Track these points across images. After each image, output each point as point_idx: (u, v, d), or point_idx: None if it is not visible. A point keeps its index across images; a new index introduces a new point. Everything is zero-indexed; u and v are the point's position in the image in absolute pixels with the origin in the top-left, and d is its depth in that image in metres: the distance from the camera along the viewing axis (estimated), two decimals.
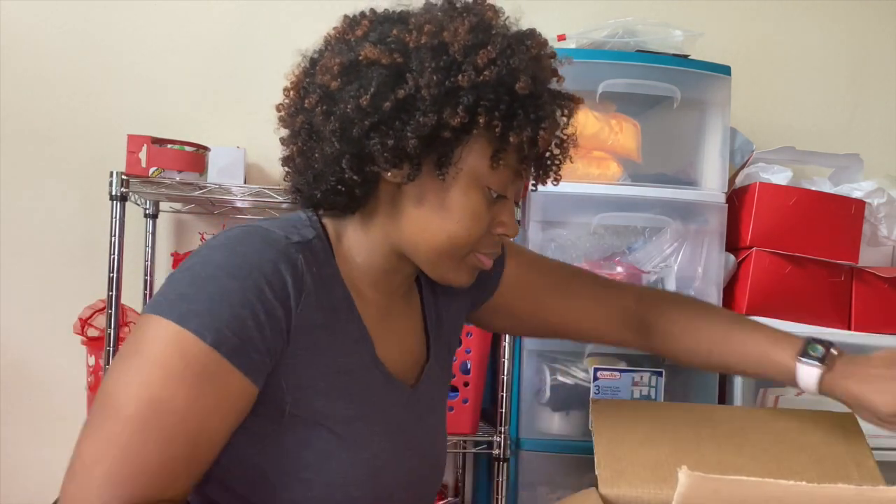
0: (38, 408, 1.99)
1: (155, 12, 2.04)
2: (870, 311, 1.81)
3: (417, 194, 0.91)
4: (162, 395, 0.78)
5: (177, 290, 0.83)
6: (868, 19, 2.29)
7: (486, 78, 0.86)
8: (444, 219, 0.91)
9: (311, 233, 0.92)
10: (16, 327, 2.00)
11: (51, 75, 2.01)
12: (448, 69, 0.86)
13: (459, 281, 0.97)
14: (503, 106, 0.87)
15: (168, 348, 0.79)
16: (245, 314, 0.82)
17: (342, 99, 0.88)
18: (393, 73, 0.86)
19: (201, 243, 0.88)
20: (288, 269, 0.86)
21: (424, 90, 0.85)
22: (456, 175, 0.90)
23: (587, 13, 2.07)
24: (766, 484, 0.55)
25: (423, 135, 0.86)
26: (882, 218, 1.89)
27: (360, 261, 0.96)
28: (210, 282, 0.82)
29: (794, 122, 2.26)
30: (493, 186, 0.92)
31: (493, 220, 0.94)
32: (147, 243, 1.99)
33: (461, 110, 0.86)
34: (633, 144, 1.78)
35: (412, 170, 0.89)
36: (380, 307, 0.98)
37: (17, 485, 1.98)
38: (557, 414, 1.77)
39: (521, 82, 0.87)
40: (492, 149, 0.90)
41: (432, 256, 0.93)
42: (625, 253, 1.82)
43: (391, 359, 0.98)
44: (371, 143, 0.87)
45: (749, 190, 1.80)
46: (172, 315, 0.80)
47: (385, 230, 0.95)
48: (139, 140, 1.68)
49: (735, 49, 2.15)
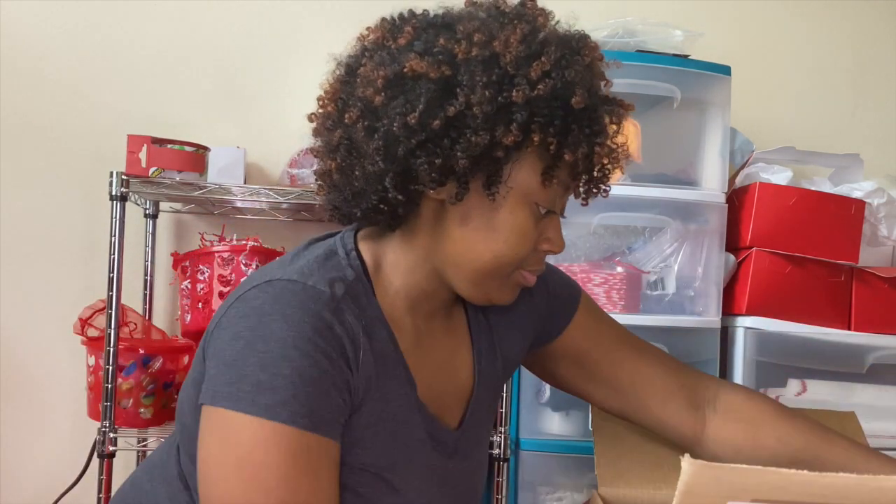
0: (38, 408, 1.99)
1: (155, 12, 2.03)
2: (870, 311, 1.81)
3: (463, 212, 0.87)
4: (285, 496, 0.76)
5: (249, 378, 0.78)
6: (868, 19, 2.29)
7: (540, 92, 0.81)
8: (490, 238, 0.87)
9: (351, 273, 0.88)
10: (16, 327, 1.99)
11: (51, 75, 2.01)
12: (500, 83, 0.81)
13: (502, 299, 0.93)
14: (558, 122, 0.83)
15: (272, 449, 0.77)
16: (328, 386, 0.80)
17: (387, 115, 0.83)
18: (441, 87, 0.82)
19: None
20: (342, 328, 0.82)
21: (476, 107, 0.81)
22: (505, 194, 0.85)
23: (587, 13, 2.06)
24: (767, 472, 0.56)
25: (475, 154, 0.82)
26: (882, 218, 1.89)
27: (399, 284, 0.92)
28: (282, 363, 0.78)
29: (794, 122, 2.25)
30: (542, 203, 0.88)
31: (541, 235, 0.90)
32: (147, 243, 1.99)
33: (515, 128, 0.81)
34: (633, 144, 1.78)
35: (460, 189, 0.85)
36: (416, 332, 0.95)
37: (17, 485, 1.98)
38: (557, 414, 1.77)
39: (578, 96, 0.83)
40: (543, 165, 0.85)
41: (476, 277, 0.89)
42: (625, 253, 1.82)
43: (434, 396, 0.94)
44: (417, 163, 0.83)
45: (749, 190, 1.79)
46: (258, 410, 0.77)
47: (427, 250, 0.90)
48: (139, 140, 1.68)
49: (735, 49, 2.15)
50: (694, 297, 1.81)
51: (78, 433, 1.89)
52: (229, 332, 0.82)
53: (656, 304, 1.80)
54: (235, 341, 0.80)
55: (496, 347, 1.04)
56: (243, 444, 0.77)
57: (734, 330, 1.81)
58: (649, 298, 1.80)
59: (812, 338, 1.77)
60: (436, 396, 0.95)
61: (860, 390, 1.77)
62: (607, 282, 1.74)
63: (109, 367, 1.64)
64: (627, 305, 1.75)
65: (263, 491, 0.76)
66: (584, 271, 1.75)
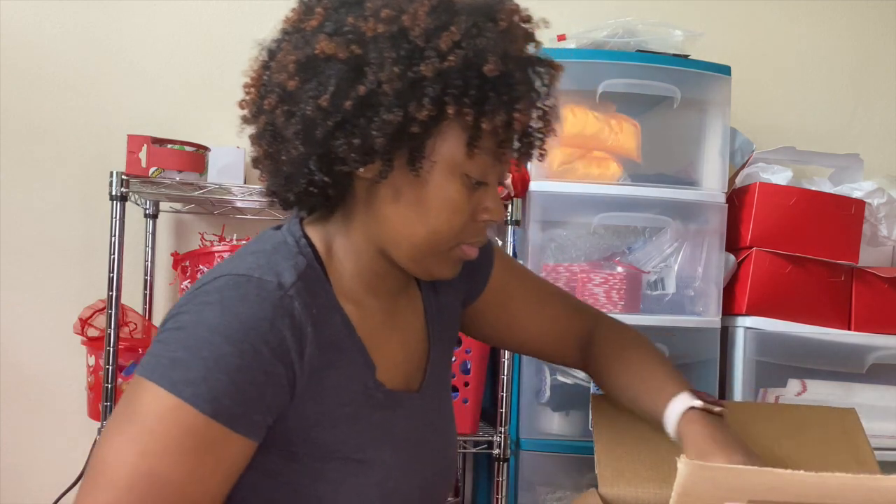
0: (38, 408, 1.99)
1: (155, 12, 2.03)
2: (870, 311, 1.81)
3: (394, 190, 0.87)
4: (160, 468, 0.76)
5: (170, 354, 0.80)
6: (868, 19, 2.29)
7: (451, 64, 0.80)
8: (422, 213, 0.87)
9: (303, 261, 0.88)
10: (16, 327, 1.99)
11: (51, 75, 2.01)
12: (410, 58, 0.81)
13: (444, 274, 0.93)
14: (473, 91, 0.82)
15: (165, 420, 0.77)
16: (242, 379, 0.79)
17: (301, 99, 0.83)
18: (351, 67, 0.81)
19: (199, 276, 0.85)
20: (286, 323, 0.82)
21: (386, 84, 0.80)
22: (430, 168, 0.85)
23: (587, 13, 2.07)
24: (764, 472, 0.56)
25: (390, 132, 0.82)
26: (882, 218, 1.89)
27: (351, 267, 0.92)
28: (204, 346, 0.79)
29: (794, 122, 2.26)
30: (473, 174, 0.87)
31: (477, 206, 0.90)
32: (147, 243, 1.99)
33: (427, 102, 0.81)
34: (633, 144, 1.78)
35: (384, 167, 0.85)
36: (381, 312, 0.96)
37: (17, 485, 1.98)
38: (557, 414, 1.77)
39: (490, 64, 0.81)
40: (466, 136, 0.85)
41: (415, 253, 0.90)
42: (625, 253, 1.82)
43: (393, 369, 0.95)
44: (336, 144, 0.83)
45: (749, 190, 1.80)
46: (166, 383, 0.78)
47: (366, 230, 0.91)
48: (139, 140, 1.68)
49: (735, 49, 2.15)
50: (694, 297, 1.81)
51: (78, 433, 1.89)
52: (172, 314, 0.84)
53: (656, 304, 1.80)
54: (173, 322, 0.82)
55: (444, 309, 1.06)
56: (142, 407, 0.78)
57: (734, 330, 1.81)
58: (649, 298, 1.80)
59: (812, 338, 1.77)
60: (397, 367, 0.96)
61: (860, 390, 1.77)
62: (607, 282, 1.74)
63: (109, 367, 1.64)
64: (627, 305, 1.75)
65: (141, 453, 0.76)
66: (584, 271, 1.75)
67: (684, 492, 0.56)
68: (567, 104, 1.75)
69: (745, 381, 1.76)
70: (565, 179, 1.75)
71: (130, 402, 0.80)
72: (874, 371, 1.80)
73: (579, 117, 1.74)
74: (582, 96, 1.76)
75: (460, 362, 1.73)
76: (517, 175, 1.72)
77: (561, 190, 1.75)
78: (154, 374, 0.79)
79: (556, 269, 1.76)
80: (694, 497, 0.57)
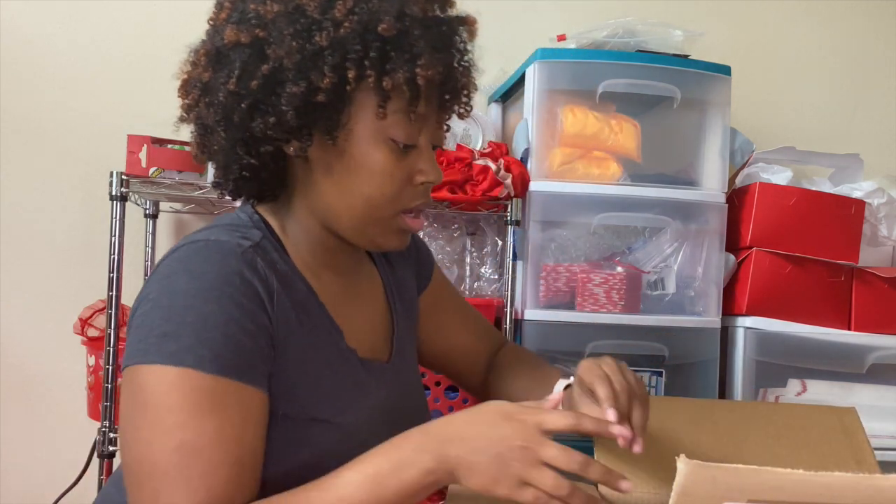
0: (38, 408, 1.99)
1: (155, 12, 2.03)
2: (870, 311, 1.81)
3: (324, 165, 0.89)
4: (187, 437, 0.77)
5: (155, 332, 0.80)
6: (868, 19, 2.29)
7: (346, 30, 0.83)
8: (354, 182, 0.88)
9: (258, 234, 0.90)
10: (16, 327, 1.99)
11: (51, 75, 2.01)
12: (307, 31, 0.83)
13: (390, 244, 0.95)
14: (373, 53, 0.83)
15: (174, 392, 0.78)
16: (235, 332, 0.80)
17: (216, 88, 0.86)
18: (255, 50, 0.85)
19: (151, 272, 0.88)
20: (253, 274, 0.84)
21: (286, 59, 0.83)
22: (349, 136, 0.87)
23: (587, 13, 2.07)
24: (763, 472, 0.56)
25: (299, 104, 0.84)
26: (882, 218, 1.89)
27: (304, 245, 0.94)
28: (186, 312, 0.80)
29: (794, 122, 2.26)
30: (397, 137, 0.88)
31: (412, 170, 0.90)
32: (147, 243, 1.99)
33: (328, 70, 0.83)
34: (633, 144, 1.78)
35: (303, 142, 0.87)
36: (340, 286, 0.97)
37: (17, 485, 1.98)
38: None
39: (384, 23, 0.83)
40: (376, 100, 0.86)
41: (355, 223, 0.91)
42: (625, 253, 1.82)
43: (361, 340, 0.97)
44: (254, 125, 0.85)
45: (749, 190, 1.80)
46: (163, 359, 0.78)
47: (309, 207, 0.93)
48: (139, 140, 1.68)
49: (735, 49, 2.15)
50: (694, 297, 1.81)
51: (78, 433, 1.89)
52: (138, 301, 0.84)
53: (656, 304, 1.80)
54: (143, 305, 0.83)
55: (402, 284, 1.09)
56: (148, 390, 0.78)
57: (734, 330, 1.81)
58: (649, 298, 1.80)
59: (812, 338, 1.77)
60: (365, 339, 0.98)
61: (860, 390, 1.77)
62: (607, 282, 1.74)
63: (109, 367, 1.64)
64: (627, 305, 1.75)
65: (164, 432, 0.77)
66: (584, 271, 1.75)
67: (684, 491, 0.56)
68: (567, 104, 1.76)
69: (745, 381, 1.76)
70: (565, 179, 1.75)
71: (134, 394, 0.80)
72: (874, 371, 1.80)
73: (579, 117, 1.74)
74: (582, 96, 1.76)
75: None
76: (517, 175, 1.72)
77: (561, 190, 1.75)
78: (147, 357, 0.79)
79: (556, 269, 1.76)
80: (694, 497, 0.57)
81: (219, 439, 0.78)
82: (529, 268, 1.74)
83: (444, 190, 1.69)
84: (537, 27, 1.99)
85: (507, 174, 1.71)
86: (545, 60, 1.74)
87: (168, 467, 0.76)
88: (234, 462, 0.78)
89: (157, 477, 0.76)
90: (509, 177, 1.71)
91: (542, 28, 1.92)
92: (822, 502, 0.55)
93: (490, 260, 1.90)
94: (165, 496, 0.76)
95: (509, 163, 1.73)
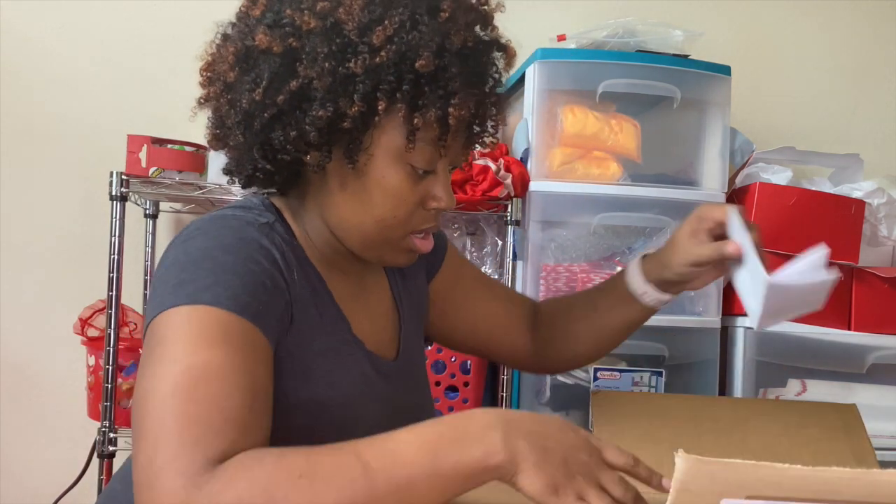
0: (38, 408, 1.99)
1: (155, 12, 2.04)
2: (870, 311, 1.81)
3: (340, 178, 0.87)
4: (196, 361, 0.72)
5: (172, 282, 0.78)
6: (868, 19, 2.29)
7: (382, 59, 0.80)
8: (367, 203, 0.87)
9: (272, 217, 0.89)
10: (16, 327, 2.00)
11: (51, 75, 2.01)
12: (342, 53, 0.80)
13: (397, 262, 0.94)
14: (406, 87, 0.81)
15: (186, 325, 0.74)
16: (252, 282, 0.78)
17: (240, 91, 0.84)
18: (286, 61, 0.82)
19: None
20: (271, 244, 0.83)
21: (317, 80, 0.81)
22: (369, 160, 0.85)
23: (587, 13, 2.07)
24: (761, 467, 0.56)
25: (323, 126, 0.82)
26: (882, 218, 1.89)
27: (315, 242, 0.93)
28: (205, 260, 0.78)
29: (794, 122, 2.25)
30: (417, 164, 0.86)
31: (425, 195, 0.89)
32: (147, 243, 1.99)
33: (357, 99, 0.81)
34: (633, 144, 1.78)
35: (322, 158, 0.85)
36: (348, 284, 0.96)
37: (17, 485, 1.98)
38: (557, 414, 1.77)
39: (423, 59, 0.80)
40: (406, 129, 0.84)
41: (364, 241, 0.90)
42: (625, 253, 1.82)
43: (368, 336, 0.95)
44: (274, 135, 0.84)
45: (749, 190, 1.80)
46: (180, 300, 0.75)
47: (320, 213, 0.91)
48: (139, 140, 1.68)
49: (735, 49, 2.15)
50: (694, 297, 1.81)
51: (78, 433, 1.89)
52: (158, 270, 0.83)
53: None
54: (160, 269, 0.82)
55: (411, 289, 1.07)
56: (160, 332, 0.75)
57: (734, 330, 1.81)
58: None
59: (812, 338, 1.77)
60: (372, 337, 0.96)
61: (860, 390, 1.77)
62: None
63: (109, 367, 1.64)
64: None
65: (173, 360, 0.72)
66: (584, 271, 1.75)
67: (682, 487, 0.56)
68: (567, 104, 1.76)
69: (745, 381, 1.76)
70: (565, 179, 1.75)
71: (148, 343, 0.77)
72: (874, 371, 1.80)
73: (579, 117, 1.74)
74: (582, 96, 1.76)
75: (460, 362, 1.73)
76: (517, 175, 1.72)
77: (561, 190, 1.75)
78: (165, 304, 0.76)
79: (556, 269, 1.76)
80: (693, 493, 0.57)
81: (230, 369, 0.72)
82: (529, 268, 1.74)
83: None
84: (537, 27, 1.99)
85: (507, 174, 1.71)
86: (545, 60, 1.74)
87: (173, 392, 0.70)
88: (247, 390, 0.73)
89: (161, 408, 0.70)
90: (509, 177, 1.71)
91: (542, 28, 1.92)
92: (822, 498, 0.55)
93: (490, 260, 1.90)
94: (173, 423, 0.69)
95: (509, 163, 1.73)
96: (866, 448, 1.10)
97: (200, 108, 0.93)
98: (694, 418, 1.15)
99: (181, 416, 0.69)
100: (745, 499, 0.57)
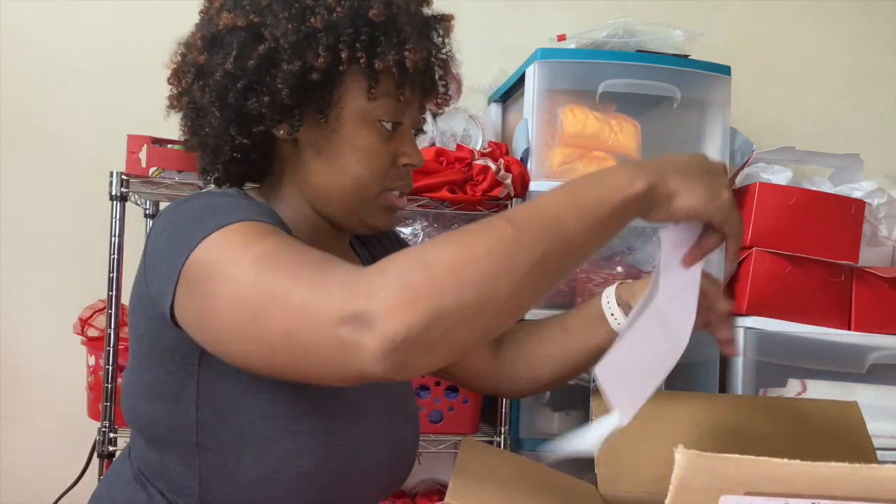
0: (38, 408, 1.99)
1: (155, 12, 2.03)
2: (870, 311, 1.81)
3: (314, 146, 0.93)
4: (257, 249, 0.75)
5: (188, 228, 0.80)
6: (867, 20, 2.29)
7: (338, 15, 0.88)
8: (344, 163, 0.92)
9: (253, 202, 0.92)
10: (16, 327, 2.00)
11: (51, 75, 2.01)
12: (302, 14, 0.88)
13: (379, 223, 0.98)
14: (363, 37, 0.88)
15: (229, 237, 0.77)
16: (267, 215, 0.84)
17: (211, 69, 0.90)
18: (251, 33, 0.89)
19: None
20: (270, 213, 0.88)
21: (283, 40, 0.87)
22: (340, 116, 0.91)
23: (587, 13, 2.07)
24: (760, 462, 0.56)
25: (293, 82, 0.88)
26: (882, 218, 1.89)
27: (297, 225, 0.96)
28: (213, 206, 0.82)
29: (794, 122, 2.26)
30: (384, 118, 0.92)
31: (395, 152, 0.95)
32: None
33: (322, 50, 0.87)
34: (633, 144, 1.78)
35: (296, 120, 0.91)
36: None
37: (17, 485, 1.98)
38: (557, 414, 1.77)
39: (374, 9, 0.89)
40: (366, 81, 0.91)
41: (345, 203, 0.94)
42: (625, 253, 1.82)
43: None
44: (249, 104, 0.89)
45: (749, 190, 1.80)
46: (209, 230, 0.78)
47: (298, 190, 0.96)
48: (139, 140, 1.68)
49: (735, 49, 2.16)
50: None
51: (78, 433, 1.89)
52: (153, 244, 0.86)
53: None
54: (155, 243, 0.86)
55: None
56: (205, 257, 0.77)
57: (734, 330, 1.80)
58: None
59: (812, 338, 1.77)
60: None
61: (860, 390, 1.77)
62: (607, 282, 1.74)
63: (109, 367, 1.64)
64: None
65: (236, 262, 0.75)
66: (584, 271, 1.75)
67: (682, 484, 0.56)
68: (567, 104, 1.76)
69: (745, 381, 1.76)
70: (565, 179, 1.74)
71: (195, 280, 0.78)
72: (874, 371, 1.80)
73: (579, 117, 1.74)
74: (582, 96, 1.76)
75: None
76: (517, 175, 1.72)
77: None
78: (191, 244, 0.78)
79: None
80: (692, 489, 0.57)
81: (290, 243, 0.77)
82: None
83: (444, 190, 1.69)
84: (537, 27, 1.99)
85: (507, 174, 1.71)
86: (545, 60, 1.74)
87: (263, 268, 0.73)
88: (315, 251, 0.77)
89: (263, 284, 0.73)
90: (509, 177, 1.71)
91: (542, 28, 1.92)
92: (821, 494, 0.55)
93: None
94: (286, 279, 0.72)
95: (509, 163, 1.73)
96: (867, 447, 1.10)
97: (172, 110, 0.98)
98: (694, 418, 1.15)
99: (287, 273, 0.73)
100: (745, 495, 0.57)
